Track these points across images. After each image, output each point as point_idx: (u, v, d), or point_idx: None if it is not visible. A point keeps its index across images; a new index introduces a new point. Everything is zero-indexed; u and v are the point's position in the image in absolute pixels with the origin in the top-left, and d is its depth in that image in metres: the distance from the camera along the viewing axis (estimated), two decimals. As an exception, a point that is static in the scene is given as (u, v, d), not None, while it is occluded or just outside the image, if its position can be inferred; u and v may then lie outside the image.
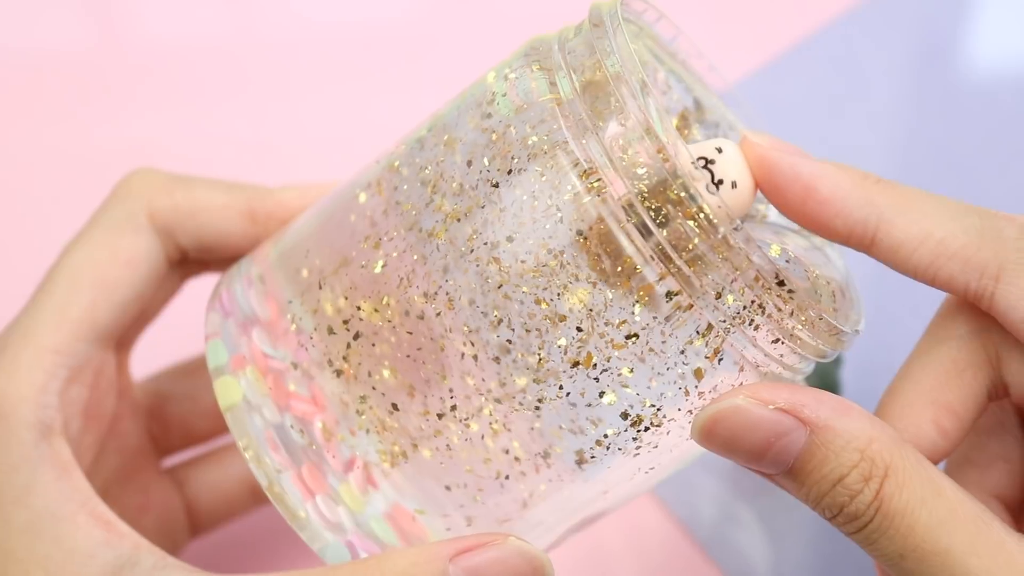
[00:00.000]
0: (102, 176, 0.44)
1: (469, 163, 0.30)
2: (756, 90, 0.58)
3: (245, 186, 0.39)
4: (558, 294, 0.29)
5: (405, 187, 0.31)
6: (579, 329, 0.29)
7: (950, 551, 0.28)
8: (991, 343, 0.32)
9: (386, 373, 0.31)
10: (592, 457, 0.31)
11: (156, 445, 0.43)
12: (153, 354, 0.44)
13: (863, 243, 0.31)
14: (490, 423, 0.31)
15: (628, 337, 0.29)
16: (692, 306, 0.29)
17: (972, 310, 0.32)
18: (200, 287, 0.41)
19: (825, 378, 0.46)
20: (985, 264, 0.30)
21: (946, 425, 0.32)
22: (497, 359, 0.30)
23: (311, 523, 0.32)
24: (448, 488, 0.32)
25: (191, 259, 0.39)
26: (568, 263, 0.29)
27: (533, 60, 0.31)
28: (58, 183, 0.58)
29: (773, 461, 0.29)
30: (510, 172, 0.30)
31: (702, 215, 0.28)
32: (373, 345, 0.31)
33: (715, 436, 0.29)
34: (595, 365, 0.29)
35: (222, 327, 0.35)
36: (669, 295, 0.29)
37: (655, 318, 0.29)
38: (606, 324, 0.29)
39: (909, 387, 0.32)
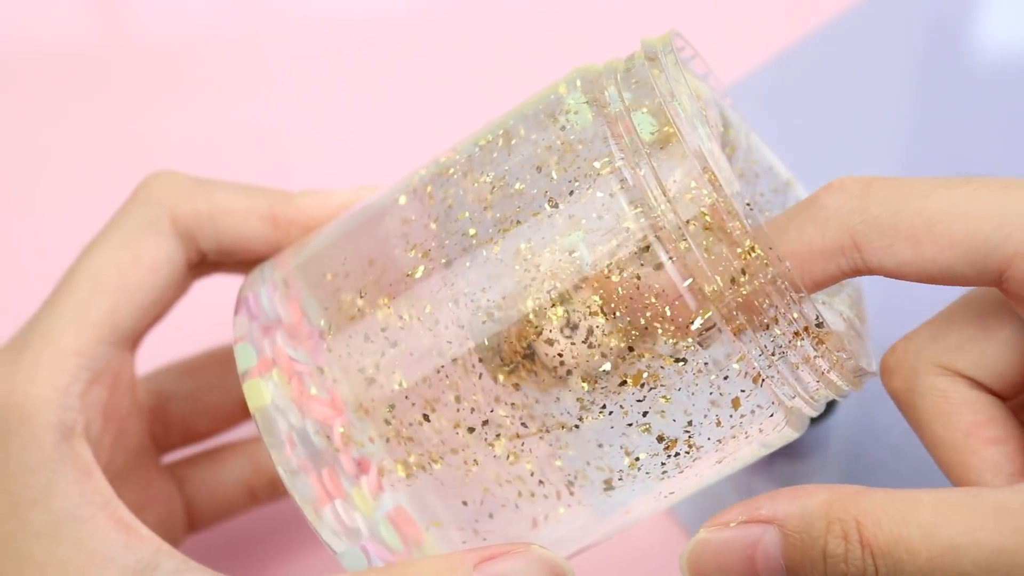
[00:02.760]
0: (110, 171, 0.44)
1: (539, 169, 0.31)
2: (757, 88, 0.58)
3: (266, 190, 0.39)
4: (615, 313, 0.29)
5: (460, 192, 0.32)
6: (630, 349, 0.29)
7: (956, 544, 0.28)
8: None
9: (421, 383, 0.31)
10: (620, 480, 0.31)
11: (156, 442, 0.43)
12: (155, 352, 0.44)
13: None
14: (521, 442, 0.31)
15: (677, 360, 0.29)
16: (736, 338, 0.29)
17: None
18: (203, 287, 0.41)
19: None
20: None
21: None
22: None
23: (329, 527, 0.32)
24: (465, 504, 0.32)
25: (207, 261, 0.39)
26: (620, 289, 0.29)
27: (586, 90, 0.31)
28: (65, 178, 0.58)
29: (768, 572, 0.29)
30: (571, 193, 0.30)
31: (754, 254, 0.29)
32: (411, 354, 0.31)
33: (706, 574, 0.30)
34: (642, 385, 0.30)
35: (249, 329, 0.35)
36: (715, 325, 0.29)
37: (700, 346, 0.29)
38: (654, 344, 0.29)
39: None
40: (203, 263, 0.39)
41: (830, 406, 0.46)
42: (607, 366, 0.30)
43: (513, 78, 0.51)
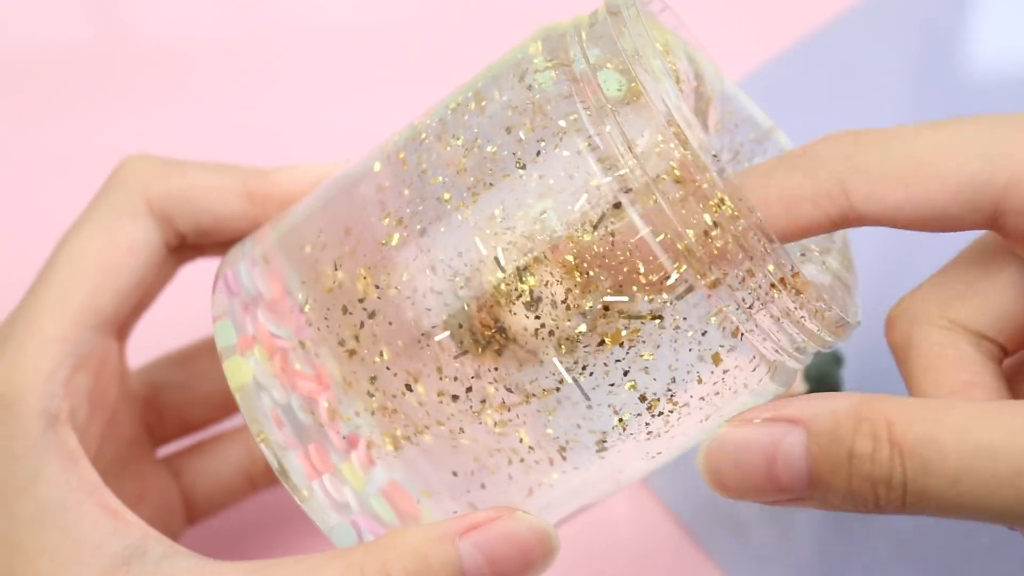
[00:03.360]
0: (104, 172, 0.44)
1: (508, 130, 0.30)
2: (757, 89, 0.58)
3: (240, 168, 0.39)
4: (590, 273, 0.29)
5: (433, 156, 0.31)
6: (607, 308, 0.29)
7: (991, 445, 0.26)
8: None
9: (401, 353, 0.31)
10: (610, 442, 0.31)
11: (151, 434, 0.43)
12: (147, 343, 0.44)
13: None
14: (507, 410, 0.31)
15: (654, 318, 0.29)
16: (712, 292, 0.29)
17: None
18: (193, 275, 0.41)
19: (825, 378, 0.46)
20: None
21: None
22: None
23: (318, 502, 0.32)
24: (455, 474, 0.32)
25: (188, 244, 0.39)
26: (594, 248, 0.29)
27: (550, 49, 0.31)
28: (60, 179, 0.58)
29: (787, 474, 0.28)
30: (538, 154, 0.30)
31: (724, 206, 0.28)
32: (390, 324, 0.31)
33: (723, 475, 0.29)
34: (622, 344, 0.30)
35: (229, 307, 0.35)
36: (690, 280, 0.29)
37: (677, 302, 0.29)
38: (632, 303, 0.29)
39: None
40: (184, 246, 0.39)
41: (835, 385, 0.46)
42: (584, 327, 0.29)
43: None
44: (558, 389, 0.30)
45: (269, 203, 0.38)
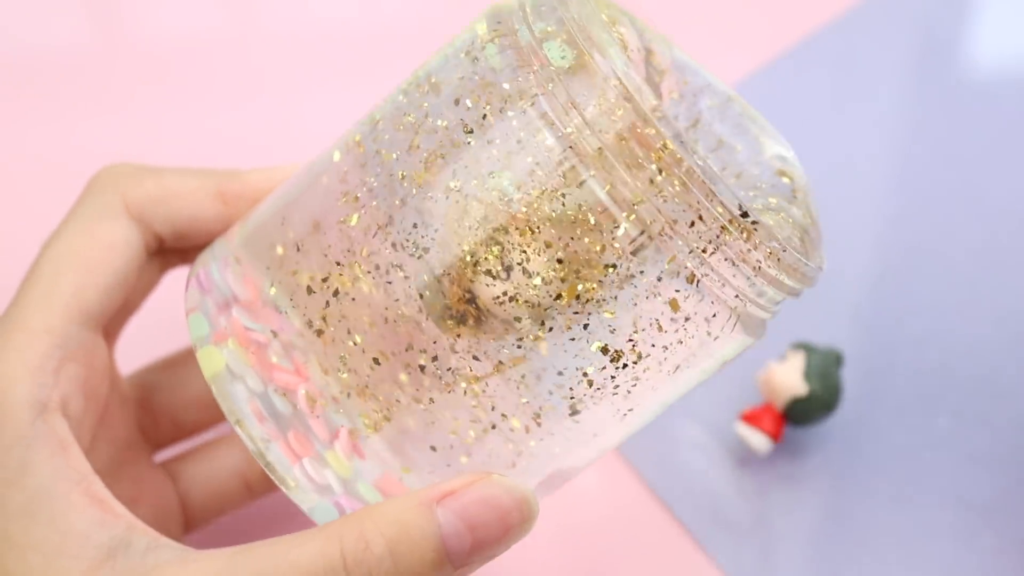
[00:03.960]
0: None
1: (456, 102, 0.31)
2: (757, 89, 0.58)
3: (215, 170, 0.39)
4: (542, 231, 0.30)
5: (387, 136, 0.32)
6: (559, 262, 0.30)
7: None
8: None
9: (362, 332, 0.32)
10: (582, 403, 0.31)
11: (147, 438, 0.43)
12: (139, 350, 0.44)
13: None
14: (476, 377, 0.31)
15: (606, 267, 0.30)
16: (662, 238, 0.29)
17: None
18: (181, 283, 0.41)
19: (826, 379, 0.46)
20: None
21: None
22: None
23: (299, 485, 0.33)
24: (433, 449, 0.33)
25: (168, 248, 0.39)
26: (544, 207, 0.30)
27: (496, 23, 0.32)
28: (57, 180, 0.58)
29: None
30: (484, 117, 0.30)
31: (667, 150, 0.29)
32: (353, 300, 0.32)
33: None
34: (578, 297, 0.30)
35: (201, 302, 0.35)
36: (640, 228, 0.29)
37: (630, 251, 0.30)
38: (585, 255, 0.30)
39: None
40: (164, 250, 0.39)
41: (830, 405, 0.46)
42: (541, 286, 0.30)
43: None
44: (524, 355, 0.31)
45: (242, 203, 0.39)
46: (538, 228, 0.30)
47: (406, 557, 0.31)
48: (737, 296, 0.31)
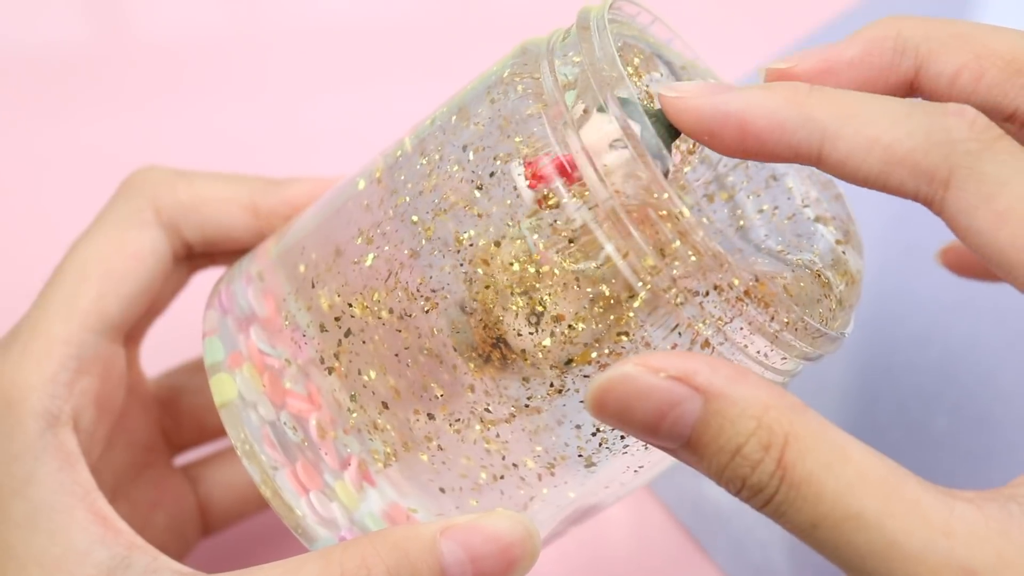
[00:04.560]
0: (104, 173, 0.44)
1: (464, 148, 0.30)
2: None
3: (248, 179, 0.39)
4: (548, 295, 0.29)
5: (403, 176, 0.32)
6: (571, 327, 0.29)
7: (862, 515, 0.26)
8: None
9: (374, 372, 0.31)
10: (595, 458, 0.31)
11: (169, 441, 0.43)
12: (165, 351, 0.44)
13: (811, 160, 0.29)
14: (484, 424, 0.31)
15: (620, 334, 0.29)
16: (677, 306, 0.29)
17: None
18: (210, 284, 0.42)
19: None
20: (934, 169, 0.29)
21: None
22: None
23: (305, 519, 0.32)
24: (442, 491, 0.32)
25: (197, 253, 0.39)
26: (557, 270, 0.29)
27: (522, 64, 0.31)
28: (58, 179, 0.58)
29: (669, 433, 0.27)
30: (492, 175, 0.30)
31: (684, 218, 0.28)
32: (364, 343, 0.31)
33: (607, 407, 0.27)
34: (589, 363, 0.30)
35: (220, 324, 0.35)
36: (655, 295, 0.29)
37: (644, 318, 0.29)
38: (599, 321, 0.29)
39: None
40: (193, 255, 0.39)
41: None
42: (551, 347, 0.29)
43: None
44: (537, 409, 0.30)
45: (275, 217, 0.38)
46: (551, 293, 0.29)
47: None
48: (752, 364, 0.30)
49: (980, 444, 0.47)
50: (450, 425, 0.31)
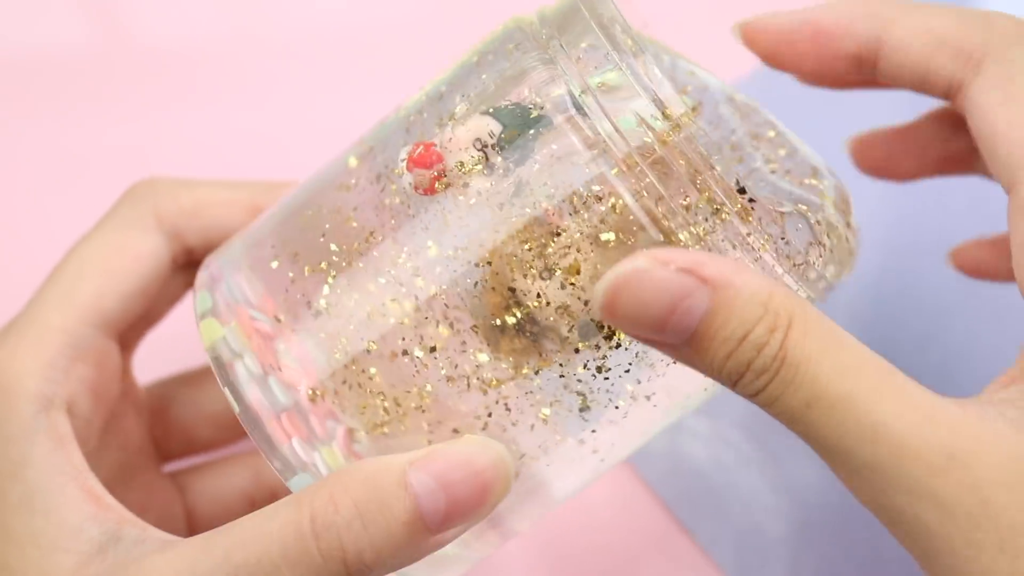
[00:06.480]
0: (104, 174, 0.44)
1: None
2: (758, 89, 0.58)
3: (248, 182, 0.40)
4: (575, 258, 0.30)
5: (398, 146, 0.32)
6: (557, 233, 0.30)
7: (854, 396, 0.27)
8: None
9: (373, 336, 0.32)
10: (592, 398, 0.31)
11: (158, 449, 0.43)
12: (160, 363, 0.45)
13: (870, 50, 0.34)
14: (479, 375, 0.31)
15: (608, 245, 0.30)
16: (666, 220, 0.29)
17: None
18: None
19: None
20: (972, 49, 0.32)
21: None
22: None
23: (285, 457, 0.32)
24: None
25: (197, 260, 0.40)
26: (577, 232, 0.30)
27: (525, 39, 0.32)
28: (60, 181, 0.58)
29: (676, 327, 0.28)
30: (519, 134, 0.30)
31: (712, 170, 0.29)
32: (358, 313, 0.32)
33: (618, 305, 0.28)
34: (579, 272, 0.30)
35: (209, 282, 0.35)
36: (643, 210, 0.29)
37: (632, 231, 0.29)
38: (590, 228, 0.29)
39: None
40: (192, 263, 0.40)
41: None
42: (569, 300, 0.30)
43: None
44: (517, 326, 0.30)
45: None
46: (571, 256, 0.29)
47: (377, 519, 0.30)
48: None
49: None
50: (446, 377, 0.31)
